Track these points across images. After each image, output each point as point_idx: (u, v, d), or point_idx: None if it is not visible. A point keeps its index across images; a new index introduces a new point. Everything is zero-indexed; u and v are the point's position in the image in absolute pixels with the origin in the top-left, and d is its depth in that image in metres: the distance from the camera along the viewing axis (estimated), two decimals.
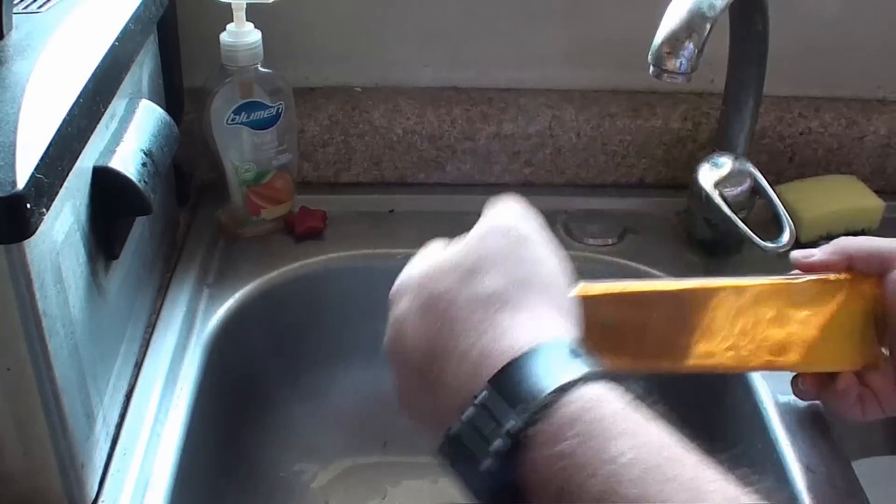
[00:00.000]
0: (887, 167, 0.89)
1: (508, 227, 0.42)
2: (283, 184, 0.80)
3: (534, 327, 0.37)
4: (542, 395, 0.33)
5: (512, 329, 0.37)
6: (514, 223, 0.43)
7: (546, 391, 0.33)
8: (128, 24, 0.60)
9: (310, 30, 0.84)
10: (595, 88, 0.88)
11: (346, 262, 0.80)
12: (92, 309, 0.54)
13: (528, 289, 0.39)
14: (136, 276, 0.66)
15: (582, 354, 0.36)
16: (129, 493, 0.56)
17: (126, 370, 0.64)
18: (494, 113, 0.85)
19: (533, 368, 0.35)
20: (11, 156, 0.43)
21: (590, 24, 0.85)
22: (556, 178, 0.89)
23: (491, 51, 0.86)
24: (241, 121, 0.75)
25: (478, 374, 0.35)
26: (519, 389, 0.34)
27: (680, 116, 0.86)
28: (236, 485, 0.74)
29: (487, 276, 0.39)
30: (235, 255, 0.79)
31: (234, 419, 0.75)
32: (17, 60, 0.52)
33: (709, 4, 0.61)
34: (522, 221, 0.43)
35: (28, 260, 0.45)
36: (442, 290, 0.40)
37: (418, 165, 0.87)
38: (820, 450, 0.60)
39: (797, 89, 0.88)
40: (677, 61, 0.60)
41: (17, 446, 0.50)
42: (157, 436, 0.60)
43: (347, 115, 0.85)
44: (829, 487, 0.57)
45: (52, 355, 0.48)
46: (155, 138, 0.62)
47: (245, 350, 0.75)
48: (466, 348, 0.37)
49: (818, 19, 0.85)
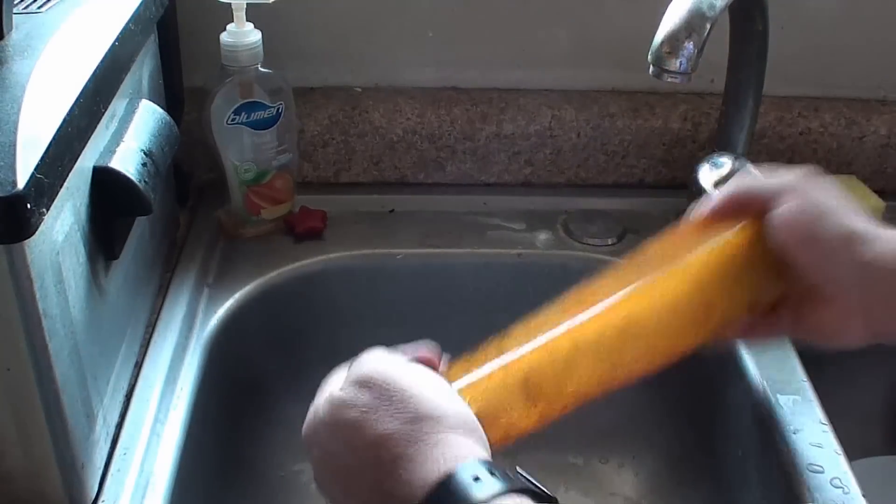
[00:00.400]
0: (887, 167, 0.89)
1: (371, 380, 0.44)
2: (283, 184, 0.80)
3: (440, 455, 0.40)
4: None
5: (424, 461, 0.40)
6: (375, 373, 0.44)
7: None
8: (128, 24, 0.60)
9: (310, 30, 0.85)
10: (595, 88, 0.88)
11: (346, 262, 0.80)
12: (92, 309, 0.54)
13: (422, 421, 0.41)
14: (136, 276, 0.66)
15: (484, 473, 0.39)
16: (129, 493, 0.56)
17: (126, 370, 0.64)
18: (494, 113, 0.85)
19: (448, 496, 0.38)
20: (11, 156, 0.43)
21: (590, 24, 0.85)
22: (556, 178, 0.89)
23: (491, 51, 0.86)
24: (241, 121, 0.75)
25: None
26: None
27: (680, 116, 0.86)
28: (236, 485, 0.74)
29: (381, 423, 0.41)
30: (235, 255, 0.79)
31: (234, 419, 0.75)
32: (17, 60, 0.53)
33: (709, 4, 0.61)
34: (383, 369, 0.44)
35: (28, 260, 0.45)
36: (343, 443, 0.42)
37: (418, 165, 0.87)
38: (820, 449, 0.60)
39: (797, 89, 0.88)
40: (677, 61, 0.61)
41: (17, 446, 0.50)
42: (157, 436, 0.60)
43: (347, 115, 0.85)
44: (829, 487, 0.57)
45: (52, 355, 0.48)
46: (155, 138, 0.62)
47: (245, 350, 0.75)
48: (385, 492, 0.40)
49: (818, 19, 0.85)
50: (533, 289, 0.81)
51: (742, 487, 0.68)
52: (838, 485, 0.57)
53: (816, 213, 0.51)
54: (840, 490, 0.57)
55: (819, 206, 0.51)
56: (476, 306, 0.80)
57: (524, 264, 0.81)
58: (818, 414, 0.63)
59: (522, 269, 0.81)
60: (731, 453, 0.70)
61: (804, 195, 0.52)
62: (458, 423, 0.42)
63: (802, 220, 0.51)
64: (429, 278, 0.81)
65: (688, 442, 0.78)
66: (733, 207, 0.55)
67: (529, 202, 0.87)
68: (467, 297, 0.81)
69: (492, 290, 0.81)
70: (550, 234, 0.83)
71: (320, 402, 0.45)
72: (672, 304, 0.52)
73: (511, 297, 0.81)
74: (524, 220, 0.85)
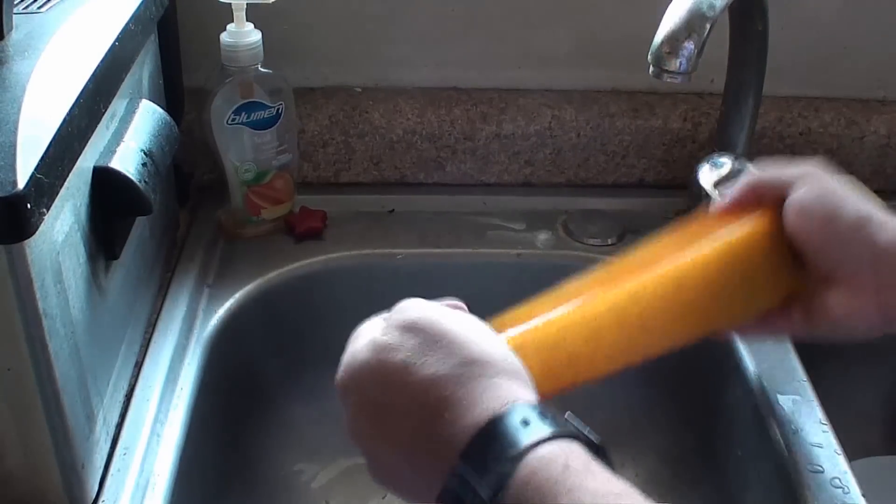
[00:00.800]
0: (887, 167, 0.89)
1: (418, 324, 0.44)
2: (283, 184, 0.80)
3: (490, 398, 0.40)
4: (504, 463, 0.37)
5: (472, 404, 0.40)
6: (420, 318, 0.44)
7: (506, 459, 0.37)
8: (128, 24, 0.60)
9: (310, 30, 0.85)
10: (595, 88, 0.88)
11: (345, 262, 0.80)
12: (92, 309, 0.54)
13: (471, 364, 0.41)
14: (136, 276, 0.66)
15: (534, 417, 0.38)
16: (129, 493, 0.56)
17: (126, 370, 0.64)
18: (494, 113, 0.85)
19: (495, 439, 0.38)
20: (11, 156, 0.43)
21: (590, 24, 0.85)
22: (556, 178, 0.89)
23: (491, 51, 0.86)
24: (241, 121, 0.75)
25: (448, 452, 0.39)
26: (486, 460, 0.37)
27: (680, 116, 0.86)
28: (236, 485, 0.74)
29: (429, 366, 0.41)
30: (235, 255, 0.79)
31: (234, 419, 0.75)
32: (17, 60, 0.53)
33: (709, 4, 0.61)
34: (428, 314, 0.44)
35: (28, 260, 0.45)
36: (389, 386, 0.42)
37: (418, 165, 0.87)
38: (820, 449, 0.60)
39: (797, 89, 0.88)
40: (677, 61, 0.61)
41: (17, 447, 0.50)
42: (157, 436, 0.60)
43: (347, 115, 0.85)
44: (829, 487, 0.57)
45: (52, 355, 0.48)
46: (155, 138, 0.62)
47: (245, 350, 0.75)
48: (431, 433, 0.40)
49: (818, 19, 0.85)
50: (533, 289, 0.81)
51: (742, 487, 0.68)
52: (838, 485, 0.57)
53: (832, 196, 0.52)
54: (840, 490, 0.57)
55: (835, 190, 0.52)
56: (476, 306, 0.80)
57: (524, 264, 0.81)
58: (818, 414, 0.63)
59: (522, 269, 0.81)
60: (731, 453, 0.70)
61: (820, 181, 0.53)
62: (506, 368, 0.42)
63: (818, 203, 0.52)
64: (429, 278, 0.81)
65: (688, 442, 0.78)
66: (751, 197, 0.55)
67: (529, 202, 0.87)
68: (467, 297, 0.80)
69: (492, 290, 0.81)
70: (550, 234, 0.83)
71: (359, 348, 0.44)
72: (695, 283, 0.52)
73: (511, 297, 0.81)
74: (524, 220, 0.85)
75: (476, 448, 0.38)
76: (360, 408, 0.44)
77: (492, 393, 0.40)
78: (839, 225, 0.51)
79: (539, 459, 0.37)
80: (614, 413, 0.81)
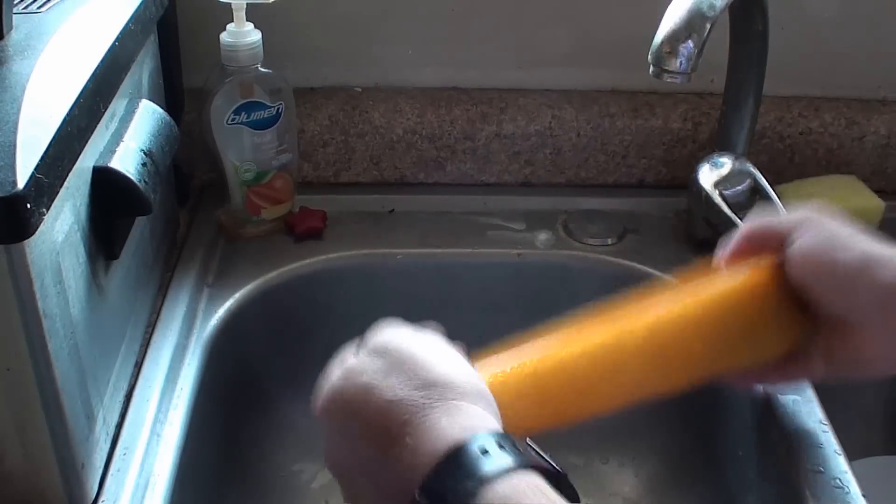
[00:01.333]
0: (887, 167, 0.89)
1: (385, 347, 0.44)
2: (283, 184, 0.80)
3: (449, 424, 0.39)
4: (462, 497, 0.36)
5: (431, 429, 0.39)
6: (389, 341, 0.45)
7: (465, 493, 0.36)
8: (128, 24, 0.60)
9: (310, 30, 0.85)
10: (595, 88, 0.88)
11: (346, 262, 0.80)
12: (92, 309, 0.54)
13: (433, 387, 0.41)
14: (136, 276, 0.66)
15: (494, 446, 0.38)
16: (129, 493, 0.56)
17: (126, 370, 0.64)
18: (494, 113, 0.85)
19: (453, 471, 0.37)
20: (11, 156, 0.43)
21: (590, 24, 0.85)
22: (556, 178, 0.89)
23: (491, 51, 0.86)
24: (241, 121, 0.75)
25: (409, 483, 0.38)
26: (445, 494, 0.37)
27: (680, 116, 0.86)
28: (236, 485, 0.74)
29: (390, 388, 0.41)
30: (235, 255, 0.79)
31: (234, 419, 0.75)
32: (17, 60, 0.52)
33: (709, 4, 0.61)
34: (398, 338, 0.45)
35: (28, 260, 0.45)
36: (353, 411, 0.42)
37: (418, 165, 0.87)
38: (820, 449, 0.60)
39: (797, 89, 0.88)
40: (677, 61, 0.61)
41: (17, 446, 0.50)
42: (157, 436, 0.60)
43: (347, 115, 0.85)
44: (830, 487, 0.57)
45: (52, 355, 0.48)
46: (155, 138, 0.62)
47: (245, 350, 0.75)
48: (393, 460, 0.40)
49: (818, 19, 0.85)
50: (533, 289, 0.81)
51: (742, 487, 0.68)
52: (838, 485, 0.57)
53: (831, 242, 0.51)
54: (840, 490, 0.57)
55: (833, 235, 0.51)
56: (476, 306, 0.80)
57: (524, 264, 0.81)
58: (818, 414, 0.63)
59: (522, 269, 0.81)
60: (731, 453, 0.70)
61: (817, 227, 0.52)
62: (468, 391, 0.42)
63: (818, 251, 0.51)
64: (429, 278, 0.81)
65: (687, 442, 0.78)
66: (750, 247, 0.55)
67: (529, 202, 0.87)
68: (467, 297, 0.81)
69: (492, 290, 0.81)
70: (550, 234, 0.83)
71: (333, 372, 0.45)
72: (691, 331, 0.52)
73: (511, 297, 0.81)
74: (524, 220, 0.85)
75: (435, 481, 0.38)
76: (331, 433, 0.44)
77: (452, 419, 0.40)
78: (840, 272, 0.50)
79: (498, 495, 0.36)
80: (614, 413, 0.81)
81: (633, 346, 0.51)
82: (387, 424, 0.40)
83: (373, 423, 0.41)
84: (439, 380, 0.42)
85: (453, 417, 0.40)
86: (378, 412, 0.41)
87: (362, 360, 0.44)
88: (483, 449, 0.37)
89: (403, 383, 0.41)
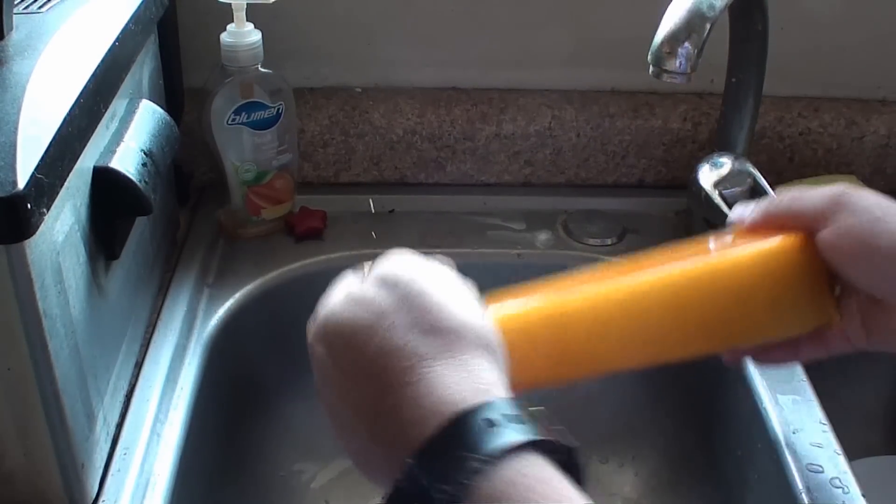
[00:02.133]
0: (887, 167, 0.89)
1: (396, 279, 0.41)
2: (283, 184, 0.80)
3: (454, 383, 0.36)
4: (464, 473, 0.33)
5: (434, 387, 0.36)
6: (399, 273, 0.42)
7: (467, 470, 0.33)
8: (128, 24, 0.60)
9: (310, 30, 0.85)
10: (595, 88, 0.88)
11: (346, 262, 0.79)
12: (92, 309, 0.54)
13: (442, 334, 0.39)
14: (136, 276, 0.66)
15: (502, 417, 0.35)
16: (129, 493, 0.56)
17: (126, 370, 0.64)
18: (494, 113, 0.85)
19: (455, 441, 0.34)
20: (12, 156, 0.43)
21: (590, 24, 0.85)
22: (556, 178, 0.89)
23: (491, 51, 0.86)
24: (241, 121, 0.75)
25: (404, 440, 0.36)
26: (445, 464, 0.34)
27: (680, 116, 0.86)
28: (236, 485, 0.74)
29: (397, 329, 0.39)
30: (235, 255, 0.79)
31: (234, 419, 0.75)
32: (17, 60, 0.53)
33: (709, 4, 0.61)
34: (410, 270, 0.42)
35: (28, 260, 0.45)
36: (352, 346, 0.39)
37: (418, 165, 0.87)
38: (820, 449, 0.60)
39: (797, 89, 0.88)
40: (677, 61, 0.60)
41: (17, 447, 0.50)
42: (157, 436, 0.60)
43: (347, 115, 0.85)
44: (829, 487, 0.57)
45: (52, 355, 0.48)
46: (155, 138, 0.62)
47: (245, 350, 0.75)
48: (388, 409, 0.37)
49: (818, 19, 0.85)
50: None
51: (742, 487, 0.68)
52: (838, 485, 0.57)
53: (868, 225, 0.50)
54: (840, 490, 0.57)
55: (869, 217, 0.50)
56: None
57: (524, 264, 0.81)
58: (818, 414, 0.63)
59: (522, 269, 0.81)
60: (731, 453, 0.70)
61: (852, 209, 0.51)
62: (480, 343, 0.39)
63: (855, 235, 0.50)
64: None
65: (688, 442, 0.78)
66: (777, 219, 0.53)
67: (529, 202, 0.87)
68: None
69: (492, 290, 0.81)
70: (550, 234, 0.83)
71: (333, 298, 0.42)
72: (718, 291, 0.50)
73: None
74: (524, 220, 0.85)
75: (433, 450, 0.35)
76: (323, 364, 0.41)
77: (459, 377, 0.37)
78: (880, 253, 0.49)
79: (502, 475, 0.33)
80: (614, 413, 0.81)
81: (658, 299, 0.49)
82: (387, 369, 0.37)
83: (372, 364, 0.38)
84: (450, 326, 0.39)
85: (461, 376, 0.37)
86: (379, 353, 0.38)
87: (368, 291, 0.41)
88: (490, 421, 0.34)
89: (410, 325, 0.38)
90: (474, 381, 0.37)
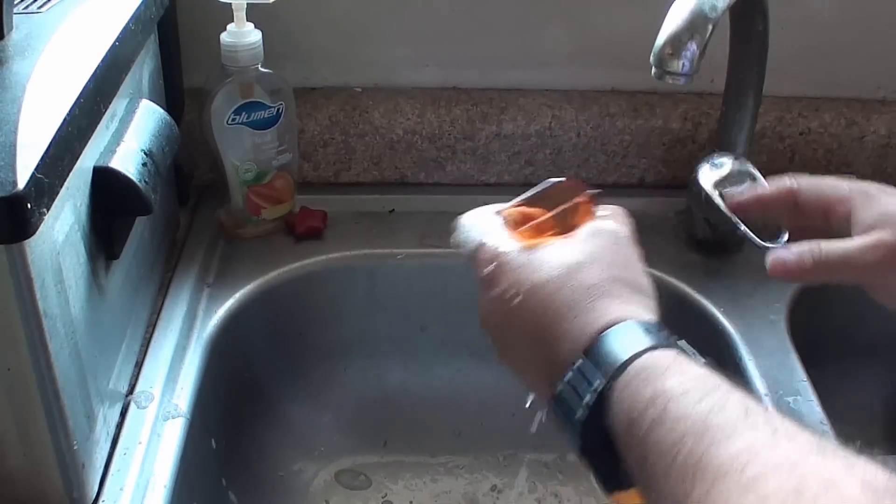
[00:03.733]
0: (887, 167, 0.89)
1: (614, 231, 0.50)
2: (284, 184, 0.80)
3: (621, 311, 0.45)
4: (620, 360, 0.42)
5: (605, 313, 0.45)
6: (618, 229, 0.50)
7: (623, 357, 0.42)
8: (128, 24, 0.60)
9: (310, 30, 0.84)
10: (595, 88, 0.88)
11: (346, 262, 0.80)
12: (92, 309, 0.54)
13: (619, 283, 0.47)
14: (136, 276, 0.66)
15: (654, 331, 0.43)
16: (129, 493, 0.56)
17: (126, 370, 0.64)
18: (494, 113, 0.85)
19: (617, 341, 0.43)
20: (12, 156, 0.43)
21: (590, 24, 0.85)
22: None
23: (491, 51, 0.86)
24: (241, 121, 0.75)
25: (577, 348, 0.44)
26: (605, 357, 0.43)
27: (680, 116, 0.86)
28: (236, 485, 0.74)
29: (590, 271, 0.47)
30: (235, 255, 0.79)
31: (234, 419, 0.75)
32: (17, 60, 0.53)
33: (711, 5, 0.61)
34: (623, 228, 0.51)
35: (28, 260, 0.45)
36: (545, 279, 0.47)
37: (418, 165, 0.87)
38: None
39: (797, 89, 0.88)
40: (680, 63, 0.60)
41: (17, 446, 0.50)
42: (157, 436, 0.60)
43: (347, 115, 0.85)
44: None
45: (52, 355, 0.48)
46: (155, 138, 0.62)
47: (245, 350, 0.75)
48: (568, 329, 0.45)
49: (818, 20, 0.85)
50: None
51: None
52: None
53: None
54: None
55: None
56: (476, 306, 0.80)
57: None
58: (818, 414, 0.63)
59: None
60: None
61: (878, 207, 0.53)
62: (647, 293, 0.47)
63: None
64: (429, 278, 0.81)
65: None
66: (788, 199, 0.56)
67: None
68: (467, 297, 0.81)
69: None
70: None
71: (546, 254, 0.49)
72: None
73: None
74: None
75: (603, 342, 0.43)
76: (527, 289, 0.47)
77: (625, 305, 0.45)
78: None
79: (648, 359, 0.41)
80: None
81: None
82: (576, 299, 0.45)
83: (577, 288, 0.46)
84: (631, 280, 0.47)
85: (627, 305, 0.45)
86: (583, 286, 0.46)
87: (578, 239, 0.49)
88: (647, 327, 0.43)
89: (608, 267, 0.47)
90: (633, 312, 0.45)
